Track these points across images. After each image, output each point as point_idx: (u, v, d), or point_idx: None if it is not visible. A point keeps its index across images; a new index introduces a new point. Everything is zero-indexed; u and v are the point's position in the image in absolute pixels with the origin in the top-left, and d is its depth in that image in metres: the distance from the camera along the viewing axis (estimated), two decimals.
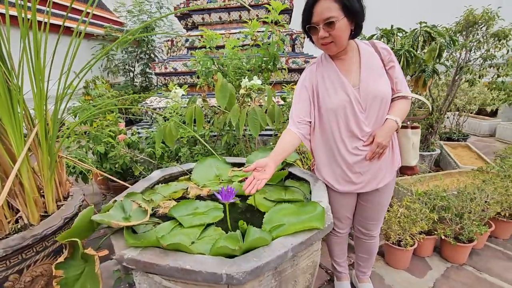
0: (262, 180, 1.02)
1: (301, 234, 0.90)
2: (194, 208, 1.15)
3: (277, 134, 2.69)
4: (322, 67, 1.18)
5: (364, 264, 1.51)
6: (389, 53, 1.15)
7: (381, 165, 1.20)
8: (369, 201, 1.30)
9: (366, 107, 1.11)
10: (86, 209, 0.92)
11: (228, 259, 0.79)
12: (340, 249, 1.49)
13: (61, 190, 1.51)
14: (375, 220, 1.35)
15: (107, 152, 2.45)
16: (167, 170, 1.53)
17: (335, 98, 1.12)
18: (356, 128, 1.13)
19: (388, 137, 1.11)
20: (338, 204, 1.31)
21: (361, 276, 1.55)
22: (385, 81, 1.13)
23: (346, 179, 1.22)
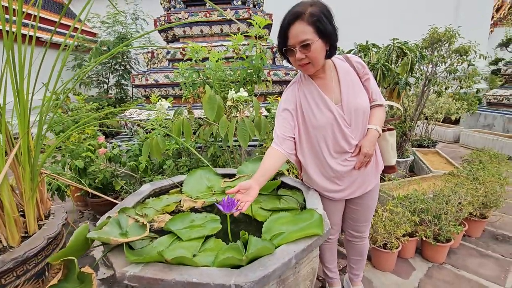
0: (246, 203, 1.00)
1: (302, 241, 0.92)
2: (191, 221, 1.14)
3: (262, 145, 2.73)
4: (303, 86, 1.21)
5: (356, 266, 1.55)
6: (363, 67, 1.22)
7: (368, 170, 1.27)
8: (358, 205, 1.37)
9: (351, 122, 1.17)
10: (81, 227, 0.89)
11: (234, 269, 0.80)
12: (331, 255, 1.54)
13: (42, 209, 1.42)
14: (366, 222, 1.42)
15: (86, 167, 2.35)
16: (156, 184, 1.50)
17: (320, 117, 1.17)
18: (344, 143, 1.19)
19: (372, 146, 1.19)
20: (330, 211, 1.36)
21: (355, 279, 1.59)
22: (364, 94, 1.20)
23: (337, 188, 1.28)
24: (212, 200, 1.33)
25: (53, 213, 1.47)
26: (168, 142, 2.46)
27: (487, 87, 6.23)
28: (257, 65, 2.29)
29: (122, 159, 2.47)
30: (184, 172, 2.40)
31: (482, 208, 2.00)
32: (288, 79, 3.48)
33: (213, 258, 0.89)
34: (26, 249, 1.15)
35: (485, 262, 1.86)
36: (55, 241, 1.32)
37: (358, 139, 1.21)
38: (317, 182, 1.30)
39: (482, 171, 2.19)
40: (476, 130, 4.64)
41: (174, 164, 2.46)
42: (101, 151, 2.37)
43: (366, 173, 1.27)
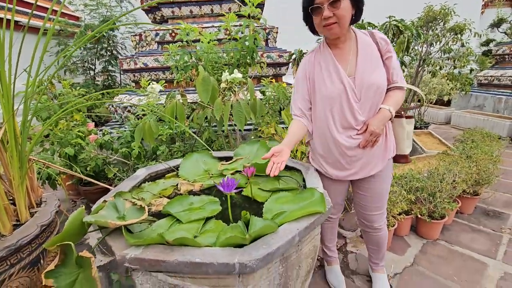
0: (282, 162, 1.13)
1: (305, 219, 0.91)
2: (190, 204, 1.11)
3: (257, 128, 2.70)
4: (320, 55, 1.20)
5: (375, 255, 1.51)
6: (387, 44, 1.17)
7: (374, 152, 1.22)
8: (365, 189, 1.33)
9: (361, 96, 1.14)
10: (77, 211, 0.85)
11: (238, 248, 0.78)
12: (331, 234, 1.54)
13: (33, 196, 1.38)
14: (376, 211, 1.36)
15: (77, 155, 2.28)
16: (152, 168, 1.46)
17: (330, 87, 1.15)
18: (351, 117, 1.16)
19: (381, 126, 1.14)
20: (330, 191, 1.34)
21: (374, 266, 1.55)
22: (381, 71, 1.15)
23: (339, 166, 1.26)
24: (210, 183, 1.31)
25: (45, 200, 1.42)
26: (161, 127, 2.41)
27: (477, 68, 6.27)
28: (251, 46, 2.23)
29: (113, 146, 2.41)
30: (178, 157, 2.36)
31: (475, 185, 2.04)
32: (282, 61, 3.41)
33: (215, 239, 0.87)
34: (19, 237, 1.12)
35: (477, 237, 1.92)
36: (48, 228, 1.28)
37: (366, 116, 1.16)
38: (320, 157, 1.29)
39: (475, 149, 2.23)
40: (467, 111, 4.70)
41: (168, 149, 2.41)
42: (91, 137, 2.29)
43: (371, 154, 1.23)
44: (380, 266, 1.53)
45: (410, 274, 1.61)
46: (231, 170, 1.41)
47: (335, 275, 1.55)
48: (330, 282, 1.56)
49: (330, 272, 1.58)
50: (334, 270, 1.58)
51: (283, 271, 0.89)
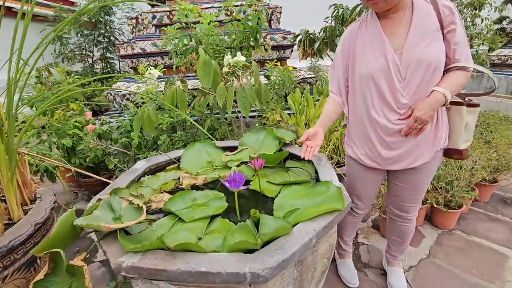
0: (316, 147, 1.08)
1: (322, 218, 0.82)
2: (192, 200, 1.02)
3: (262, 115, 2.58)
4: (366, 26, 1.05)
5: (395, 248, 1.40)
6: (452, 13, 0.96)
7: (419, 142, 1.04)
8: (404, 181, 1.17)
9: (406, 75, 0.97)
10: (67, 213, 0.76)
11: (248, 254, 0.69)
12: (352, 229, 1.43)
13: (27, 192, 1.29)
14: (413, 203, 1.22)
15: (75, 146, 2.19)
16: (152, 160, 1.37)
17: (371, 63, 1.00)
18: (391, 99, 1.00)
19: (430, 112, 0.95)
20: (363, 181, 1.22)
21: (391, 259, 1.44)
22: (437, 47, 0.95)
23: (375, 154, 1.11)
24: (215, 176, 1.21)
25: (39, 196, 1.34)
26: (161, 116, 2.30)
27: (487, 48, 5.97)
28: (254, 26, 2.07)
29: (112, 135, 2.31)
30: (180, 147, 2.26)
31: (493, 172, 1.93)
32: (286, 44, 3.24)
33: (222, 241, 0.78)
34: (11, 237, 1.04)
35: (495, 226, 1.83)
36: (44, 226, 1.20)
37: (411, 98, 0.99)
38: (355, 142, 1.18)
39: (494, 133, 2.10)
40: None
41: (169, 139, 2.31)
42: (89, 127, 2.19)
43: (416, 143, 1.04)
44: (397, 260, 1.44)
45: (426, 267, 1.53)
46: (236, 162, 1.31)
47: (347, 269, 1.48)
48: (342, 276, 1.48)
49: (342, 265, 1.51)
50: (346, 264, 1.50)
51: (297, 275, 0.80)
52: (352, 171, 1.26)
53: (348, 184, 1.31)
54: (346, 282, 1.45)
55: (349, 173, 1.29)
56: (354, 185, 1.27)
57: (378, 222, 1.86)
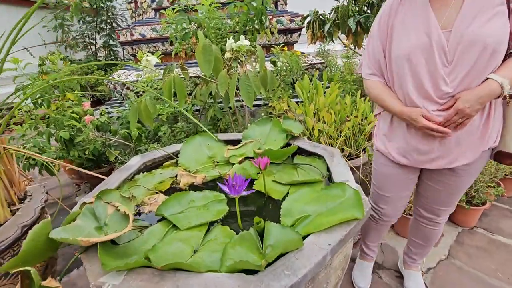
0: None
1: (337, 229, 0.70)
2: (190, 202, 0.91)
3: (268, 104, 2.44)
4: None
5: (417, 251, 1.28)
6: None
7: (462, 138, 0.89)
8: (439, 183, 1.02)
9: (454, 59, 0.80)
10: (41, 224, 0.66)
11: (250, 276, 0.58)
12: (376, 235, 1.29)
13: (15, 191, 1.21)
14: (445, 206, 1.08)
15: (73, 138, 2.10)
16: (148, 155, 1.26)
17: (412, 41, 0.84)
18: (431, 86, 0.84)
19: (477, 105, 0.79)
20: (392, 181, 1.07)
21: (409, 262, 1.33)
22: (500, 24, 0.76)
23: (409, 149, 0.97)
24: (215, 174, 1.10)
25: (30, 194, 1.26)
26: (161, 106, 2.18)
27: None
28: (259, 7, 1.90)
29: (112, 127, 2.21)
30: (181, 139, 2.16)
31: None
32: (293, 27, 3.04)
33: (220, 255, 0.67)
34: None
35: None
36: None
37: (457, 87, 0.82)
38: (386, 135, 1.04)
39: None
40: None
41: (170, 130, 2.20)
42: (87, 118, 2.10)
43: (456, 140, 0.89)
44: (416, 263, 1.32)
45: (445, 268, 1.42)
46: (239, 157, 1.19)
47: (362, 271, 1.36)
48: (353, 275, 1.37)
49: (359, 266, 1.39)
50: (363, 266, 1.38)
51: None
52: (380, 168, 1.11)
53: (375, 183, 1.16)
54: (354, 283, 1.35)
55: (376, 171, 1.14)
56: (381, 185, 1.12)
57: None
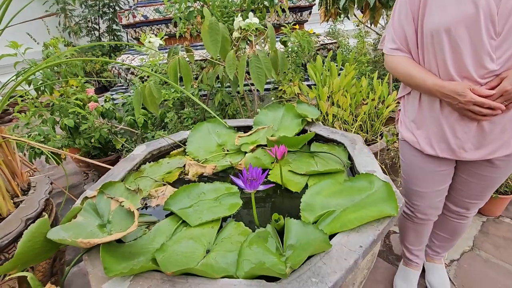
0: None
1: (368, 227, 0.61)
2: (200, 195, 0.84)
3: (278, 88, 2.32)
4: None
5: (441, 244, 1.18)
6: None
7: (507, 125, 0.77)
8: (473, 175, 0.91)
9: (504, 30, 0.67)
10: (37, 223, 0.59)
11: (272, 284, 0.51)
12: (416, 237, 1.13)
13: (18, 182, 1.16)
14: (477, 199, 0.97)
15: (78, 125, 2.04)
16: (154, 144, 1.19)
17: (453, 10, 0.70)
18: (472, 63, 0.72)
19: None
20: (424, 175, 0.94)
21: (432, 255, 1.23)
22: None
23: (441, 138, 0.85)
24: (226, 163, 1.02)
25: (34, 186, 1.20)
26: (166, 91, 2.09)
27: None
28: None
29: (118, 113, 2.14)
30: (189, 125, 2.08)
31: None
32: (303, 5, 2.86)
33: (235, 256, 0.60)
34: None
35: None
36: None
37: (504, 65, 0.70)
38: (412, 124, 0.91)
39: None
40: None
41: (177, 116, 2.12)
42: (91, 105, 2.03)
43: (500, 126, 0.77)
44: (440, 256, 1.23)
45: (470, 260, 1.34)
46: (251, 145, 1.10)
47: (406, 281, 1.20)
48: (395, 285, 1.22)
49: (402, 273, 1.23)
50: (408, 274, 1.21)
51: None
52: (409, 160, 0.99)
53: (404, 177, 1.04)
54: None
55: (405, 163, 1.02)
56: (412, 179, 1.00)
57: None
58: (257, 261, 0.58)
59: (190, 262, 0.59)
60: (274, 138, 0.99)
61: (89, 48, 5.67)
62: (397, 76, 0.88)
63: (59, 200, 2.18)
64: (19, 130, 2.00)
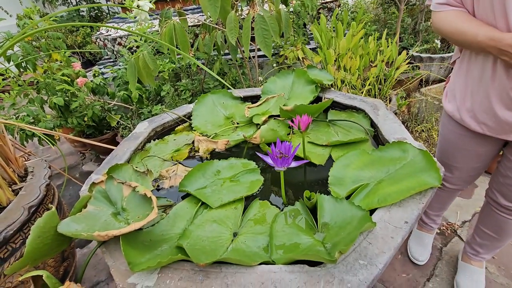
0: None
1: (409, 200, 0.57)
2: (215, 173, 0.78)
3: (278, 53, 2.18)
4: None
5: (483, 242, 1.03)
6: None
7: None
8: None
9: None
10: (45, 217, 0.53)
11: (316, 269, 0.46)
12: (440, 203, 1.09)
13: (14, 168, 1.08)
14: None
15: (68, 104, 1.91)
16: (156, 120, 1.10)
17: None
18: None
19: None
20: (462, 151, 0.87)
21: (471, 254, 1.09)
22: None
23: (490, 115, 0.74)
24: (239, 138, 0.95)
25: (31, 171, 1.13)
26: (161, 61, 1.94)
27: None
28: None
29: (109, 89, 2.01)
30: (186, 97, 1.96)
31: None
32: None
33: (267, 238, 0.56)
34: (1, 227, 0.85)
35: None
36: (41, 206, 1.02)
37: None
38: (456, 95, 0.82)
39: None
40: None
41: (174, 89, 2.00)
42: (79, 81, 1.88)
43: None
44: (480, 257, 1.08)
45: None
46: (262, 116, 1.02)
47: (420, 243, 1.19)
48: (409, 246, 1.21)
49: (416, 237, 1.22)
50: (422, 237, 1.20)
51: None
52: (449, 136, 0.90)
53: (440, 150, 0.97)
54: (411, 255, 1.20)
55: (444, 137, 0.94)
56: (448, 155, 0.93)
57: None
58: (291, 243, 0.53)
59: (219, 248, 0.55)
60: (289, 107, 0.91)
61: (67, 20, 5.24)
62: (445, 35, 0.74)
63: (58, 183, 2.11)
64: (5, 111, 1.86)
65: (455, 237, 1.28)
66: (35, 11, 2.07)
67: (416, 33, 2.72)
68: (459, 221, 1.36)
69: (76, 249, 1.45)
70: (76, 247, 1.48)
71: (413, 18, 2.77)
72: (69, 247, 1.16)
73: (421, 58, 2.46)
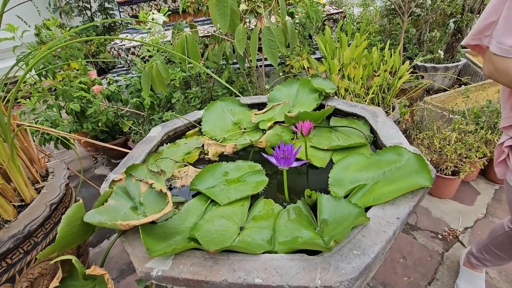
0: None
1: (402, 199, 0.61)
2: (224, 174, 0.84)
3: (284, 62, 2.25)
4: None
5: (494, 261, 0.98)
6: None
7: None
8: None
9: None
10: (73, 207, 0.60)
11: (314, 258, 0.52)
12: None
13: (37, 168, 1.16)
14: None
15: (84, 110, 2.01)
16: (169, 125, 1.17)
17: None
18: None
19: None
20: None
21: (475, 264, 1.06)
22: None
23: None
24: (245, 142, 1.01)
25: (52, 171, 1.21)
26: (172, 70, 2.04)
27: None
28: None
29: (122, 96, 2.11)
30: (196, 104, 2.05)
31: None
32: None
33: (270, 232, 0.61)
34: (26, 222, 0.92)
35: None
36: (61, 204, 1.09)
37: None
38: None
39: None
40: None
41: (184, 96, 2.09)
42: (95, 88, 1.98)
43: None
44: (484, 267, 1.08)
45: (484, 227, 1.37)
46: (268, 122, 1.08)
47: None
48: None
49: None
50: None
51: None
52: None
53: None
54: None
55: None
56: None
57: None
58: (293, 236, 0.58)
59: (226, 240, 0.60)
60: (293, 114, 0.97)
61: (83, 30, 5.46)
62: None
63: (73, 184, 2.20)
64: (25, 116, 1.98)
65: (457, 242, 1.31)
66: (55, 24, 2.20)
67: (421, 43, 2.77)
68: (461, 227, 1.38)
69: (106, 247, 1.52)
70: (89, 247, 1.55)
71: (417, 28, 2.82)
72: (84, 244, 1.23)
73: (426, 68, 2.50)
